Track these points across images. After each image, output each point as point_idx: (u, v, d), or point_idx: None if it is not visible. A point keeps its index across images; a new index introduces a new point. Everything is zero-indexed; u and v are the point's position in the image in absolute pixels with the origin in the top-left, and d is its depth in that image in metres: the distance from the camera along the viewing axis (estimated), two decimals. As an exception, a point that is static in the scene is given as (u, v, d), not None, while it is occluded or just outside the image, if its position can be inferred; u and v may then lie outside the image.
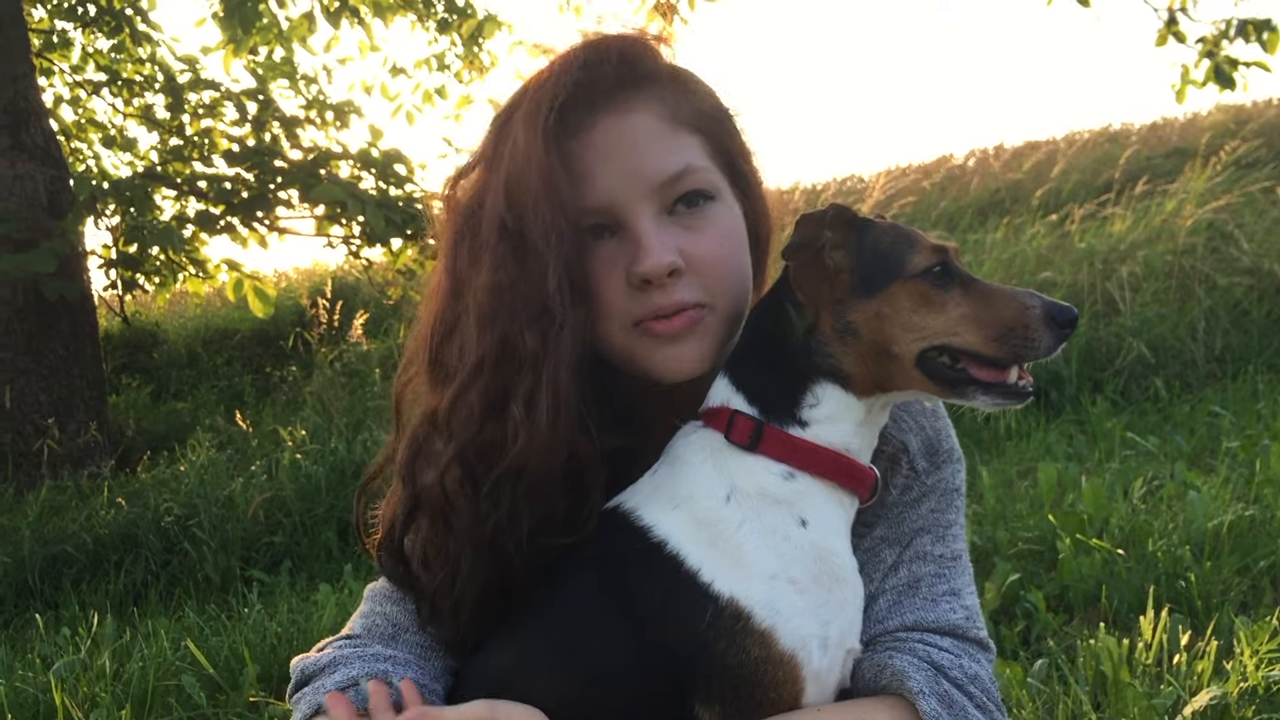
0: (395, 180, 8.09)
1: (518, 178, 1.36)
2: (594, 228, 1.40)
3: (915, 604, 1.43)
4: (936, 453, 1.52)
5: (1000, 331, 1.28)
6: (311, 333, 8.72)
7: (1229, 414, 6.06)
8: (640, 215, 1.38)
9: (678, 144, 1.41)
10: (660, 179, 1.39)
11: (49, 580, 5.48)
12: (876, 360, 1.31)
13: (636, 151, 1.39)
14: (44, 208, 7.16)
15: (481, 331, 1.36)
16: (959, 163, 14.22)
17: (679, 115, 1.43)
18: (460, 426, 1.36)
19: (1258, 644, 3.12)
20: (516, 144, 1.37)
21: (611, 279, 1.39)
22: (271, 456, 6.33)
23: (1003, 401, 1.31)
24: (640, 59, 1.44)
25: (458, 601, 1.37)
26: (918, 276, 1.31)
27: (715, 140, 1.47)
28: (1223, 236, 8.16)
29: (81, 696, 3.82)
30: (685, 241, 1.39)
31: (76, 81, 9.67)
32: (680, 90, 1.45)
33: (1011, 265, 8.32)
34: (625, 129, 1.40)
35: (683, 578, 1.27)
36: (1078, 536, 4.11)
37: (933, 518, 1.50)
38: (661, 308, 1.38)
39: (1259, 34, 7.60)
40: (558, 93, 1.37)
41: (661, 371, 1.42)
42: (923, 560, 1.46)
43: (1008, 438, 6.24)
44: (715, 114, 1.49)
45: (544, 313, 1.34)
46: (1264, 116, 13.25)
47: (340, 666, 1.37)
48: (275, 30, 8.93)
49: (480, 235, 1.39)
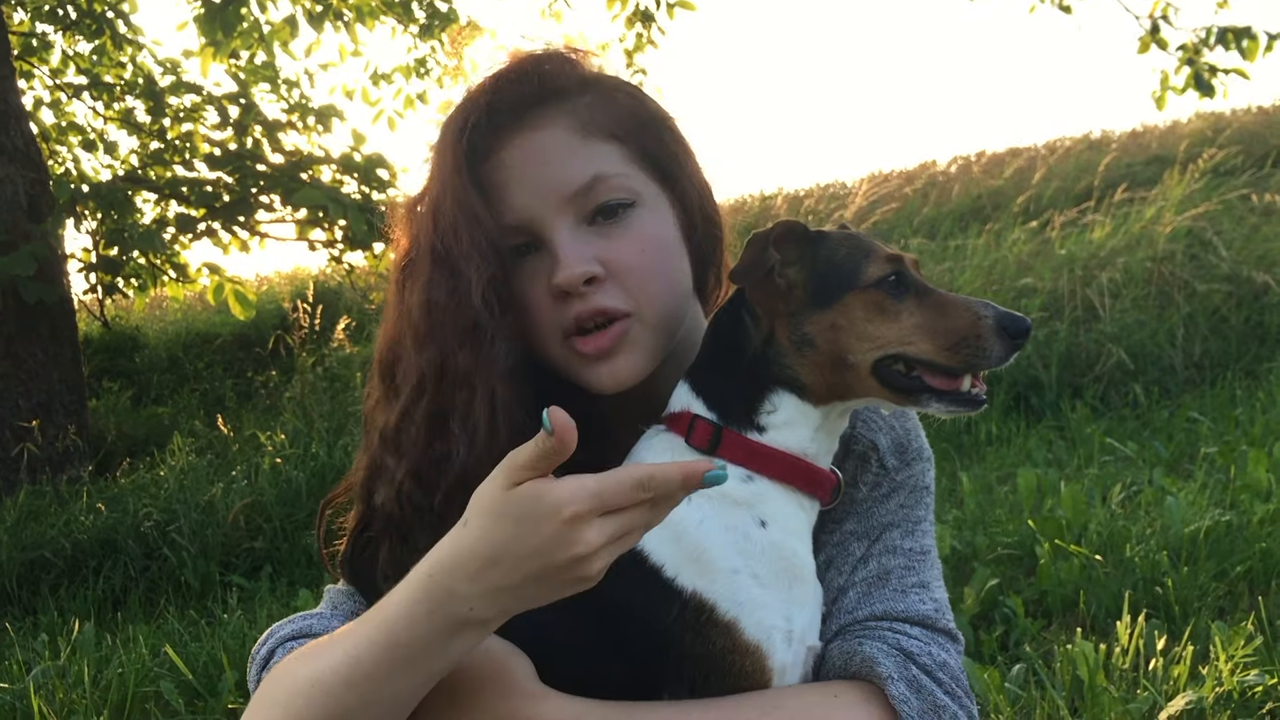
0: (378, 185, 8.08)
1: (438, 203, 1.40)
2: (517, 247, 1.42)
3: (885, 594, 1.44)
4: (906, 450, 1.53)
5: (953, 341, 1.29)
6: (293, 337, 8.69)
7: (1207, 420, 6.10)
8: (555, 228, 1.39)
9: (589, 154, 1.42)
10: (570, 190, 1.40)
11: (27, 586, 5.44)
12: (833, 370, 1.33)
13: (546, 165, 1.41)
14: (24, 211, 7.12)
15: (419, 351, 1.39)
16: (941, 169, 14.30)
17: (591, 126, 1.43)
18: (409, 445, 1.39)
19: (1233, 649, 3.15)
20: (435, 170, 1.43)
21: (537, 293, 1.41)
22: (252, 461, 6.31)
23: (956, 409, 1.32)
24: (552, 74, 1.45)
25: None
26: (872, 286, 1.32)
27: (638, 145, 1.47)
28: (1201, 243, 8.22)
29: (59, 703, 3.80)
30: (604, 250, 1.40)
31: (57, 85, 9.61)
32: (596, 100, 1.46)
33: (992, 272, 8.36)
34: (534, 145, 1.41)
35: (647, 574, 1.28)
36: (1056, 542, 4.14)
37: (902, 513, 1.51)
38: (581, 315, 1.39)
39: (1238, 42, 7.66)
40: (468, 117, 1.41)
41: (598, 386, 1.43)
42: (892, 554, 1.47)
43: (988, 443, 6.27)
44: (639, 120, 1.48)
45: (473, 329, 1.36)
46: (1241, 124, 13.37)
47: (273, 634, 1.43)
48: (256, 34, 8.90)
49: (417, 260, 1.43)
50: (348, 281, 9.56)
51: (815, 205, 12.24)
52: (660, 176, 1.49)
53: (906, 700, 1.30)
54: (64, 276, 7.63)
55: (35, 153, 7.51)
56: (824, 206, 12.08)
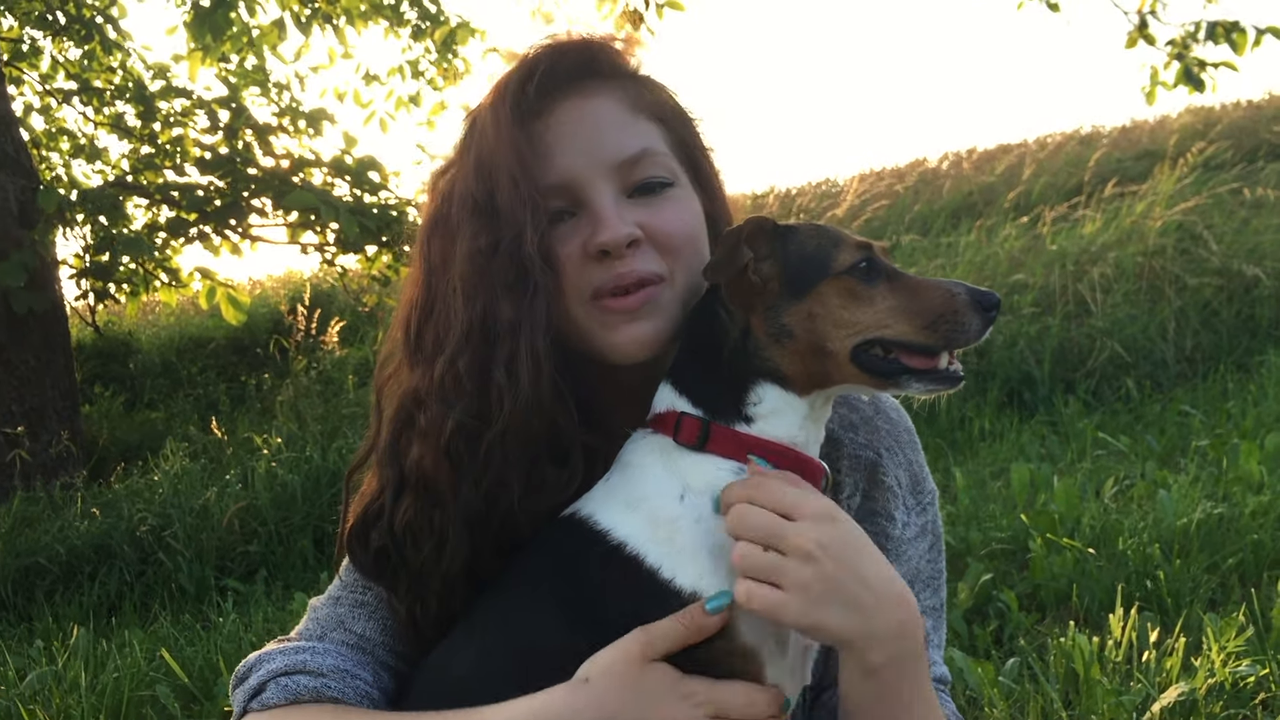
0: (369, 187, 8.06)
1: (488, 156, 1.41)
2: (555, 212, 1.43)
3: (931, 657, 1.52)
4: (922, 491, 1.60)
5: (930, 319, 1.31)
6: (286, 340, 8.68)
7: (1199, 413, 6.12)
8: (600, 192, 1.42)
9: (638, 129, 1.46)
10: (619, 159, 1.43)
11: (22, 592, 5.43)
12: (812, 358, 1.34)
13: (598, 130, 1.44)
14: (14, 217, 7.11)
15: (466, 303, 1.40)
16: (932, 166, 14.32)
17: (639, 104, 1.48)
18: (452, 395, 1.39)
19: (1225, 640, 3.16)
20: (484, 128, 1.43)
21: (572, 253, 1.42)
22: (246, 465, 6.30)
23: (936, 387, 1.33)
24: (603, 56, 1.50)
25: (445, 574, 1.40)
26: (844, 273, 1.34)
27: (675, 133, 1.52)
28: (1192, 238, 8.24)
29: (56, 709, 3.80)
30: (644, 217, 1.43)
31: (47, 90, 9.60)
32: (643, 86, 1.51)
33: (984, 268, 8.38)
34: (586, 111, 1.45)
35: (644, 576, 1.28)
36: (1049, 536, 4.15)
37: (928, 566, 1.58)
38: (621, 277, 1.41)
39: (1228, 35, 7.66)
40: (524, 78, 1.43)
41: (617, 349, 1.44)
42: (925, 614, 1.50)
43: (981, 439, 6.28)
44: (676, 111, 1.54)
45: (519, 280, 1.38)
46: (1231, 118, 13.40)
47: (264, 664, 1.43)
48: (246, 38, 8.89)
49: (452, 219, 1.44)
50: (340, 284, 9.54)
51: (807, 203, 12.26)
52: (691, 167, 1.54)
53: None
54: (55, 283, 7.61)
55: (26, 159, 7.50)
56: (816, 204, 12.09)
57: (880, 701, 1.28)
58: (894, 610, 1.25)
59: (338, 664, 1.43)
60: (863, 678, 1.26)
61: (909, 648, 1.27)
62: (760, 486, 1.28)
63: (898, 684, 1.27)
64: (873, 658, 1.25)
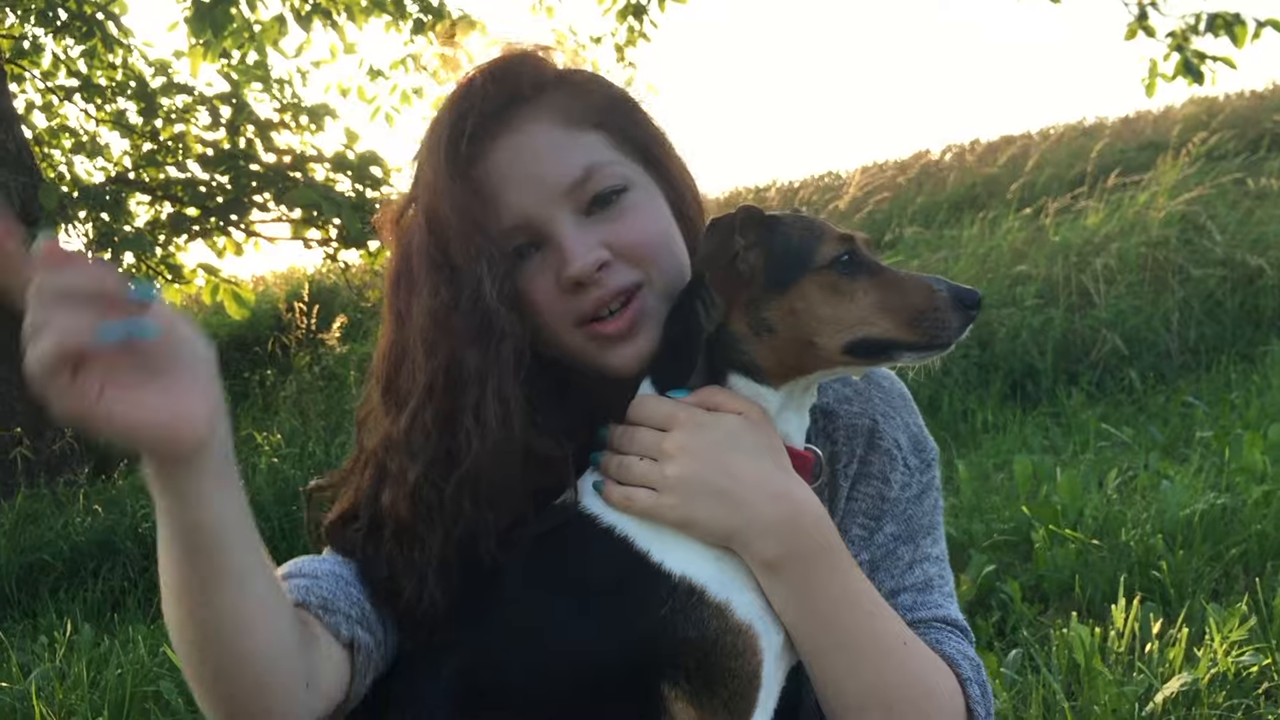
0: (372, 183, 8.07)
1: (433, 210, 1.41)
2: (518, 248, 1.42)
3: (934, 600, 1.52)
4: (923, 450, 1.59)
5: (911, 316, 1.31)
6: (289, 336, 8.68)
7: (1202, 404, 6.11)
8: (557, 223, 1.40)
9: (577, 145, 1.44)
10: (565, 184, 1.41)
11: (26, 589, 5.44)
12: (791, 352, 1.34)
13: (538, 161, 1.42)
14: (17, 215, 7.11)
15: (428, 358, 1.39)
16: (935, 158, 14.29)
17: (573, 117, 1.45)
18: (419, 445, 1.39)
19: (1228, 630, 3.16)
20: (426, 179, 1.43)
21: (543, 289, 1.42)
22: (248, 461, 6.31)
23: (926, 354, 1.34)
24: (523, 76, 1.46)
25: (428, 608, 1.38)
26: (826, 267, 1.33)
27: (619, 131, 1.49)
28: (1195, 228, 8.23)
29: (59, 705, 3.80)
30: (608, 234, 1.42)
31: (48, 87, 9.60)
32: (572, 92, 1.48)
33: (987, 260, 8.37)
34: (521, 145, 1.42)
35: (633, 559, 1.29)
36: (1052, 527, 4.15)
37: (929, 519, 1.58)
38: (600, 300, 1.40)
39: (1228, 28, 7.64)
40: (454, 133, 1.41)
41: (619, 367, 1.44)
42: (929, 562, 1.55)
43: (984, 431, 6.28)
44: (615, 106, 1.51)
45: (483, 330, 1.37)
46: (1235, 108, 13.36)
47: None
48: (247, 33, 8.89)
49: (413, 269, 1.44)
50: (343, 280, 9.55)
51: (810, 196, 12.25)
52: (644, 159, 1.51)
53: (979, 701, 1.41)
54: (59, 280, 7.60)
55: (28, 156, 7.50)
56: (818, 197, 12.09)
57: (800, 603, 1.30)
58: (770, 503, 1.30)
59: (333, 569, 1.42)
60: (765, 574, 1.30)
61: (807, 545, 1.30)
62: (643, 406, 1.37)
63: (807, 580, 1.30)
64: (762, 550, 1.29)
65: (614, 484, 1.34)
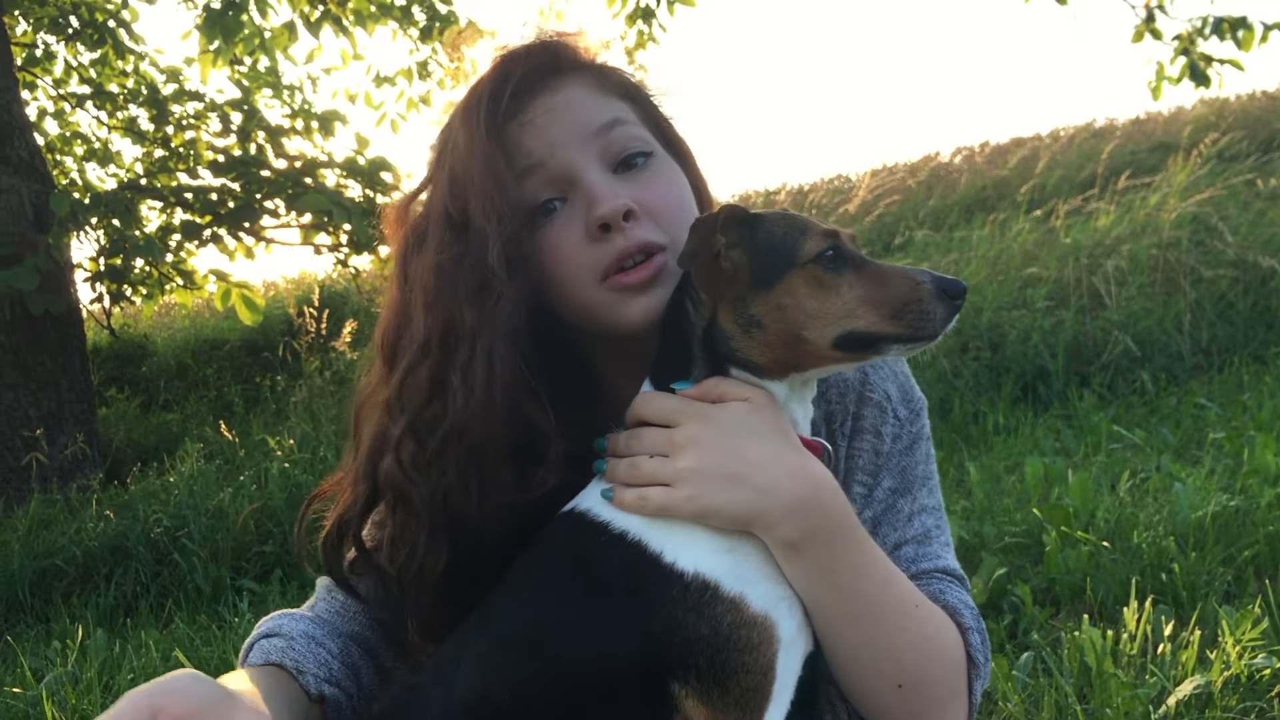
0: (382, 188, 8.09)
1: (461, 169, 1.45)
2: (545, 204, 1.47)
3: (933, 551, 1.55)
4: (912, 400, 1.63)
5: (896, 309, 1.31)
6: (299, 341, 8.70)
7: (1215, 406, 6.08)
8: (586, 168, 1.45)
9: (607, 104, 1.51)
10: (593, 126, 1.47)
11: (39, 594, 5.47)
12: (786, 347, 1.35)
13: (570, 110, 1.48)
14: (29, 222, 7.15)
15: (427, 313, 1.43)
16: (945, 161, 14.26)
17: (605, 86, 1.53)
18: (409, 402, 1.43)
19: (1241, 633, 3.14)
20: (457, 141, 1.47)
21: (571, 238, 1.45)
22: (260, 466, 6.32)
23: (915, 345, 1.34)
24: (564, 53, 1.54)
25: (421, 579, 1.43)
26: (810, 262, 1.34)
27: (644, 109, 1.57)
28: (1207, 229, 8.19)
29: (72, 709, 3.82)
30: (635, 192, 1.46)
31: (60, 95, 9.65)
32: (604, 70, 1.56)
33: (998, 262, 8.34)
34: (556, 100, 1.49)
35: (647, 562, 1.29)
36: (1064, 530, 4.13)
37: (923, 469, 1.60)
38: (625, 250, 1.43)
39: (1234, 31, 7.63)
40: (498, 88, 1.47)
41: (633, 320, 1.46)
42: (927, 513, 1.58)
43: (995, 433, 6.26)
44: (640, 91, 1.59)
45: (483, 287, 1.41)
46: (1245, 109, 13.32)
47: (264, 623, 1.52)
48: (257, 40, 8.93)
49: (425, 233, 1.48)
50: (354, 285, 9.56)
51: (820, 199, 12.25)
52: (664, 140, 1.57)
53: (979, 649, 1.45)
54: (71, 286, 7.65)
55: (40, 163, 7.54)
56: (828, 200, 12.08)
57: (820, 579, 1.31)
58: (789, 482, 1.30)
59: (307, 630, 1.48)
60: (787, 554, 1.31)
61: (824, 525, 1.31)
62: (646, 403, 1.38)
63: (830, 556, 1.31)
64: (784, 532, 1.30)
65: (624, 488, 1.34)
